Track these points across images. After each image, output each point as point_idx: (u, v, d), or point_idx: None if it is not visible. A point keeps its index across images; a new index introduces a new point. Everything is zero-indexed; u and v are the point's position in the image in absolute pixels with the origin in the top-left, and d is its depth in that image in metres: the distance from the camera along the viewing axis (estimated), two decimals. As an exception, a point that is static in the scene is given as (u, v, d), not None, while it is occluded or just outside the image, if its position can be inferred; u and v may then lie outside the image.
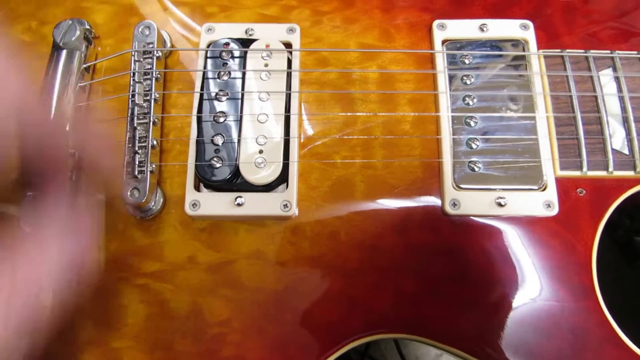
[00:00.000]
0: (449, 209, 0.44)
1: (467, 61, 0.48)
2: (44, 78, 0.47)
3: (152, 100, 0.46)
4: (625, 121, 0.46)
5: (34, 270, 0.33)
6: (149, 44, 0.48)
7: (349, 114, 0.48)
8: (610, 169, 0.45)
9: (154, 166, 0.44)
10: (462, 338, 0.43)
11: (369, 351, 0.89)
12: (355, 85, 0.49)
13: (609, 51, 0.49)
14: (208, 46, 0.49)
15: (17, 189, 0.46)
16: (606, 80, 0.48)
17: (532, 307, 0.44)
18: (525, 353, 0.43)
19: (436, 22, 0.50)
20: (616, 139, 0.46)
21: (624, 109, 0.46)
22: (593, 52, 0.48)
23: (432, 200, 0.45)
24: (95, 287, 0.43)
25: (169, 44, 0.50)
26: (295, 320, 0.43)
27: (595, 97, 0.47)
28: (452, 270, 0.44)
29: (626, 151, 0.46)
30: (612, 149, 0.46)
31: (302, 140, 0.47)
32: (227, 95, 0.46)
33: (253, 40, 0.48)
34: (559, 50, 0.49)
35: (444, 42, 0.50)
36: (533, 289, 0.44)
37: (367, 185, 0.46)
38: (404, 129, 0.47)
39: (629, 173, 0.45)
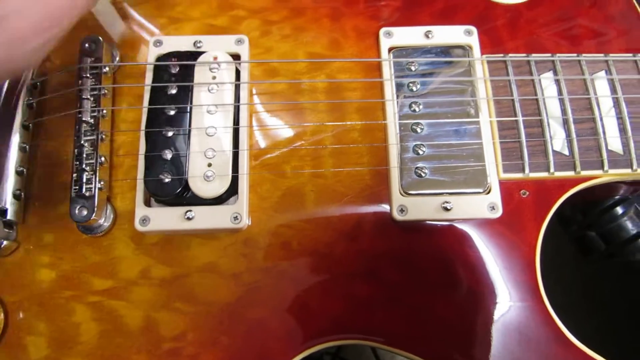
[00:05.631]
0: (396, 215, 0.45)
1: (413, 68, 0.49)
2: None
3: (100, 117, 0.46)
4: (565, 123, 0.48)
5: None
6: (95, 59, 0.47)
7: (298, 124, 0.48)
8: (552, 170, 0.46)
9: (102, 183, 0.44)
10: (413, 341, 0.44)
11: (341, 353, 0.89)
12: (305, 95, 0.49)
13: (549, 54, 0.50)
14: (156, 60, 0.49)
15: None
16: (547, 83, 0.49)
17: (483, 308, 0.45)
18: (477, 354, 0.44)
19: (383, 30, 0.51)
20: (557, 140, 0.47)
21: (564, 111, 0.48)
22: (534, 56, 0.50)
23: (381, 207, 0.46)
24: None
25: (117, 58, 0.50)
26: (250, 331, 0.44)
27: (537, 100, 0.48)
28: (403, 275, 0.45)
29: (566, 152, 0.47)
30: (553, 151, 0.47)
31: (252, 152, 0.47)
32: (176, 109, 0.46)
33: (202, 53, 0.48)
34: (501, 55, 0.50)
35: (390, 49, 0.50)
36: (482, 291, 0.45)
37: (317, 194, 0.46)
38: (352, 137, 0.48)
39: (570, 173, 0.47)
